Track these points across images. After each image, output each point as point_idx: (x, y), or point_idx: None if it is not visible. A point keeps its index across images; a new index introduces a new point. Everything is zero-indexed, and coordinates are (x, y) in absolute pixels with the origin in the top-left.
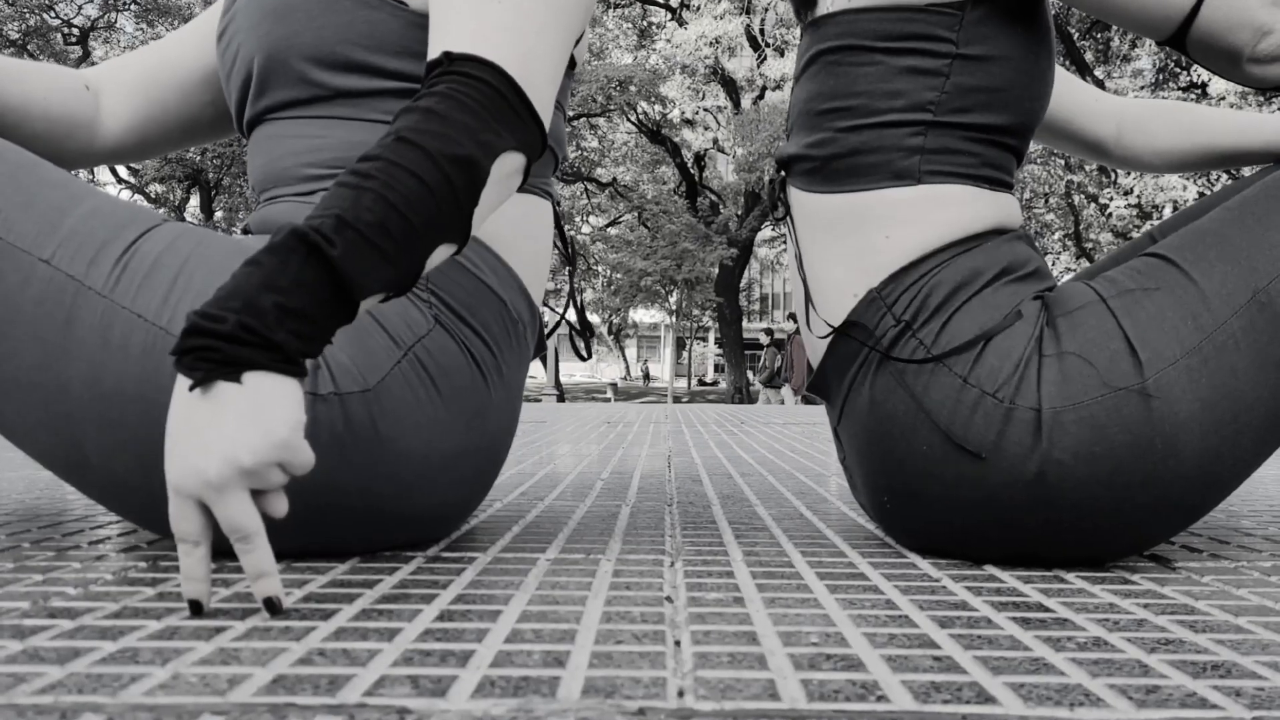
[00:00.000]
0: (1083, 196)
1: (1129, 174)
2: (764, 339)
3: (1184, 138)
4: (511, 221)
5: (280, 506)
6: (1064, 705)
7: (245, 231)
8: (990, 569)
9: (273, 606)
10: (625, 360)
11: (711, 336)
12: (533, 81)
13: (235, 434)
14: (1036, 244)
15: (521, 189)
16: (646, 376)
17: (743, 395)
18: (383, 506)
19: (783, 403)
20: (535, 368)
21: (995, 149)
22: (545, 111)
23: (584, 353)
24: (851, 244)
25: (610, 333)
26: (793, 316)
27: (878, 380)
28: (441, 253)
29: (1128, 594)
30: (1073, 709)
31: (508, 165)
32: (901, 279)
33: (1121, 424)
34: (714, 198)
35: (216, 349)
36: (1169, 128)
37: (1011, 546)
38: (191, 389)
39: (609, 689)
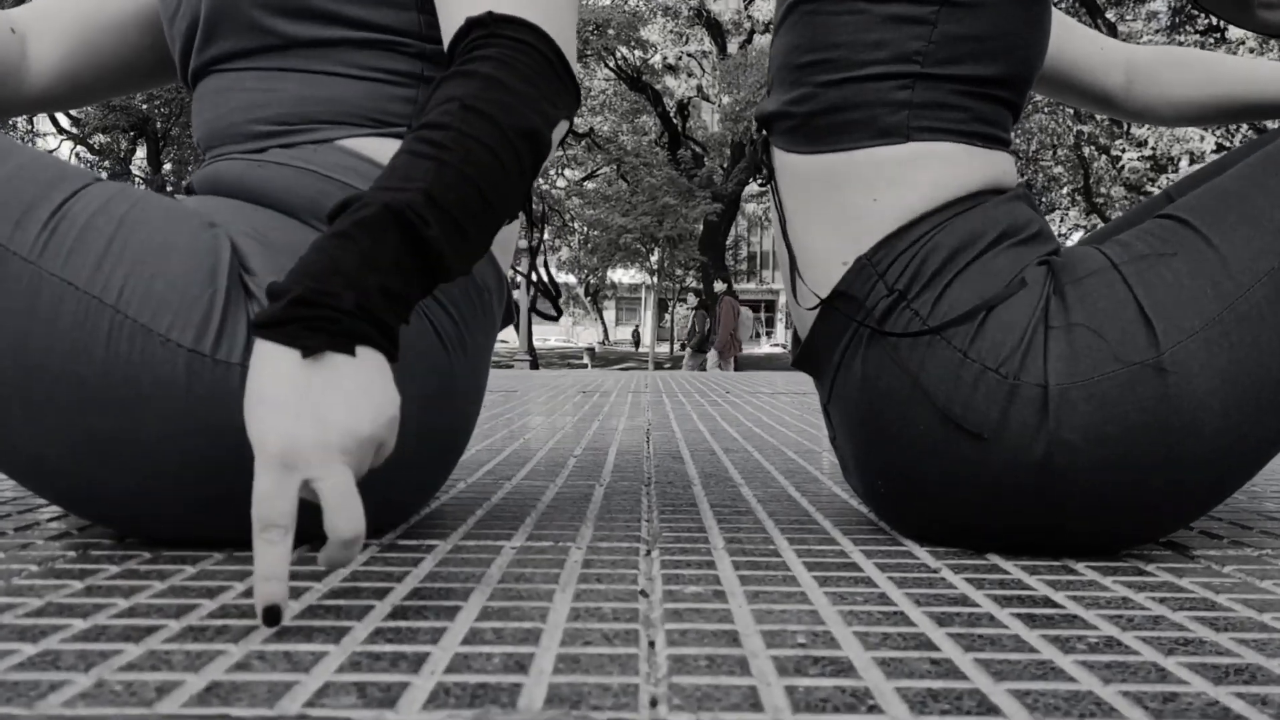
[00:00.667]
0: (1093, 148)
1: (1143, 124)
2: (691, 300)
3: (1199, 88)
4: None
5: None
6: (1073, 715)
7: (188, 190)
8: (993, 558)
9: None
10: (604, 324)
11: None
12: (564, 41)
13: (357, 404)
14: (1038, 203)
15: None
16: (638, 343)
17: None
18: None
19: (704, 368)
20: (507, 331)
21: (989, 103)
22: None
23: (551, 312)
24: (837, 208)
25: (587, 294)
26: (729, 286)
27: (870, 355)
28: (499, 231)
29: (1142, 586)
30: (1084, 719)
31: (558, 134)
32: (893, 244)
33: (1135, 401)
34: (698, 149)
35: (336, 320)
36: (1182, 78)
37: (1016, 534)
38: (305, 356)
39: (575, 698)
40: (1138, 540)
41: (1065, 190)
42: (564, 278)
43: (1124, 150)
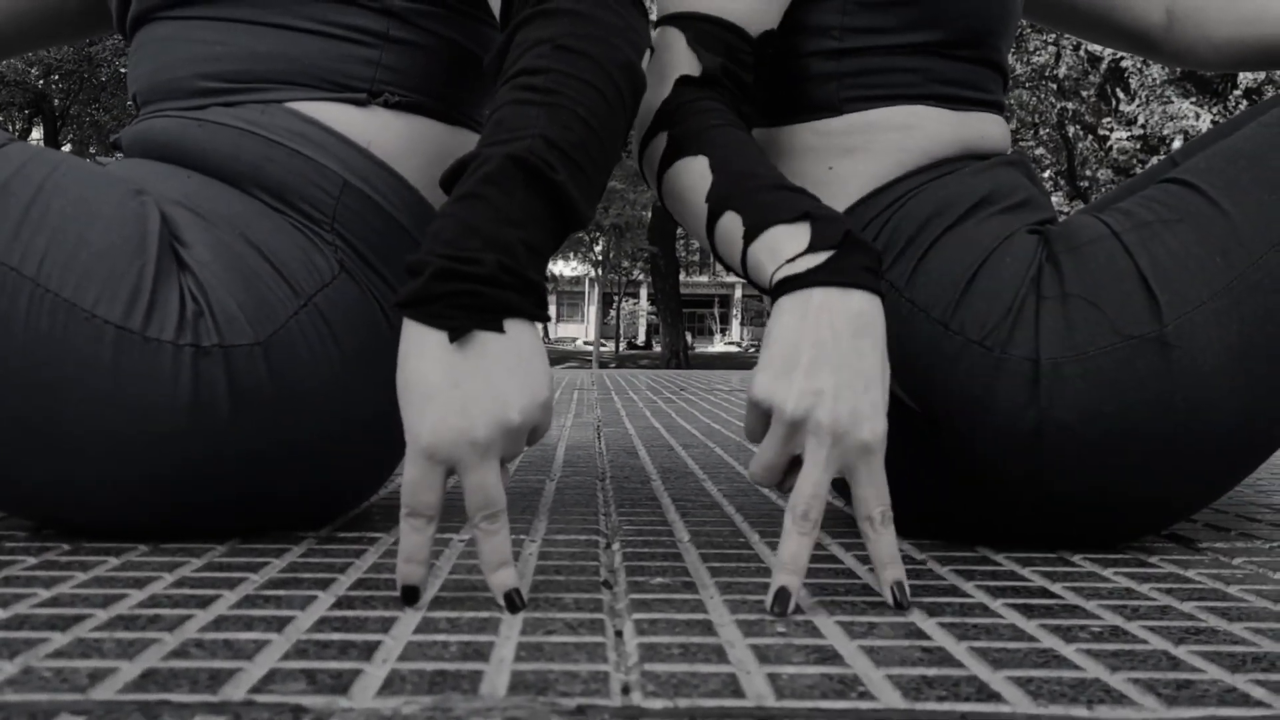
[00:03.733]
0: (1078, 127)
1: (1132, 101)
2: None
3: (1246, 28)
4: (436, 156)
5: (505, 480)
6: (1080, 702)
7: (115, 146)
8: (983, 550)
9: (514, 604)
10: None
11: (644, 292)
12: None
13: (504, 391)
14: (1035, 172)
15: (452, 120)
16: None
17: (680, 360)
18: (273, 480)
19: None
20: None
21: (950, 62)
22: None
23: None
24: (793, 177)
25: None
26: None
27: None
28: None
29: (1146, 578)
30: (1091, 706)
31: (645, 64)
32: (860, 213)
33: (1135, 378)
34: None
35: (478, 293)
36: (1228, 16)
37: (1006, 524)
38: (451, 341)
39: (541, 685)
40: (1138, 531)
41: (1047, 173)
42: None
43: (1112, 129)
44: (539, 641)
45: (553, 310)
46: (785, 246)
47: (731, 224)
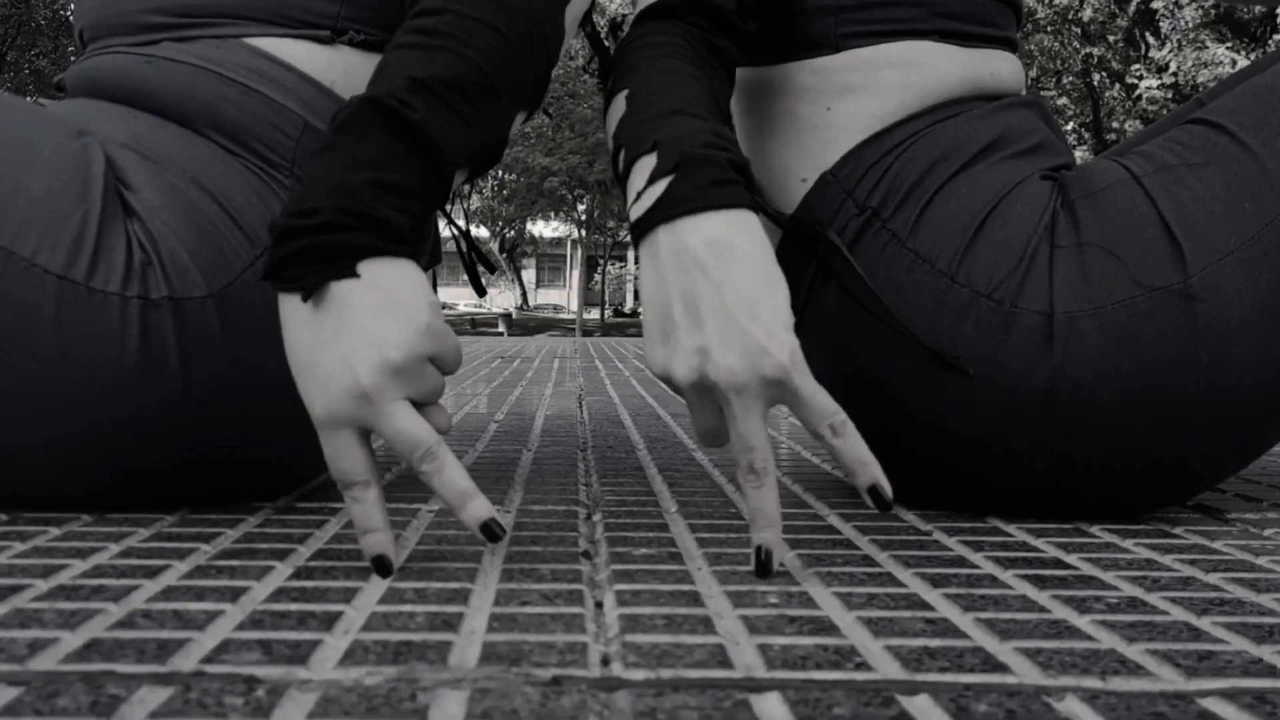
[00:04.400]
0: (1104, 75)
1: (1163, 46)
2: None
3: None
4: None
5: (443, 419)
6: (1093, 673)
7: (58, 87)
8: (994, 521)
9: (493, 533)
10: (522, 285)
11: (631, 255)
12: None
13: (374, 331)
14: (1051, 114)
15: None
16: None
17: None
18: (228, 445)
19: None
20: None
21: None
22: None
23: (480, 288)
24: (788, 118)
25: (503, 250)
26: None
27: (841, 284)
28: (516, 122)
29: (1168, 549)
30: (1105, 678)
31: (571, 16)
32: (861, 157)
33: (1156, 332)
34: None
35: (320, 245)
36: None
37: (1017, 492)
38: (305, 301)
39: (514, 655)
40: (1160, 501)
41: (1070, 125)
42: (475, 231)
43: (1140, 77)
44: (513, 613)
45: (532, 275)
46: (635, 183)
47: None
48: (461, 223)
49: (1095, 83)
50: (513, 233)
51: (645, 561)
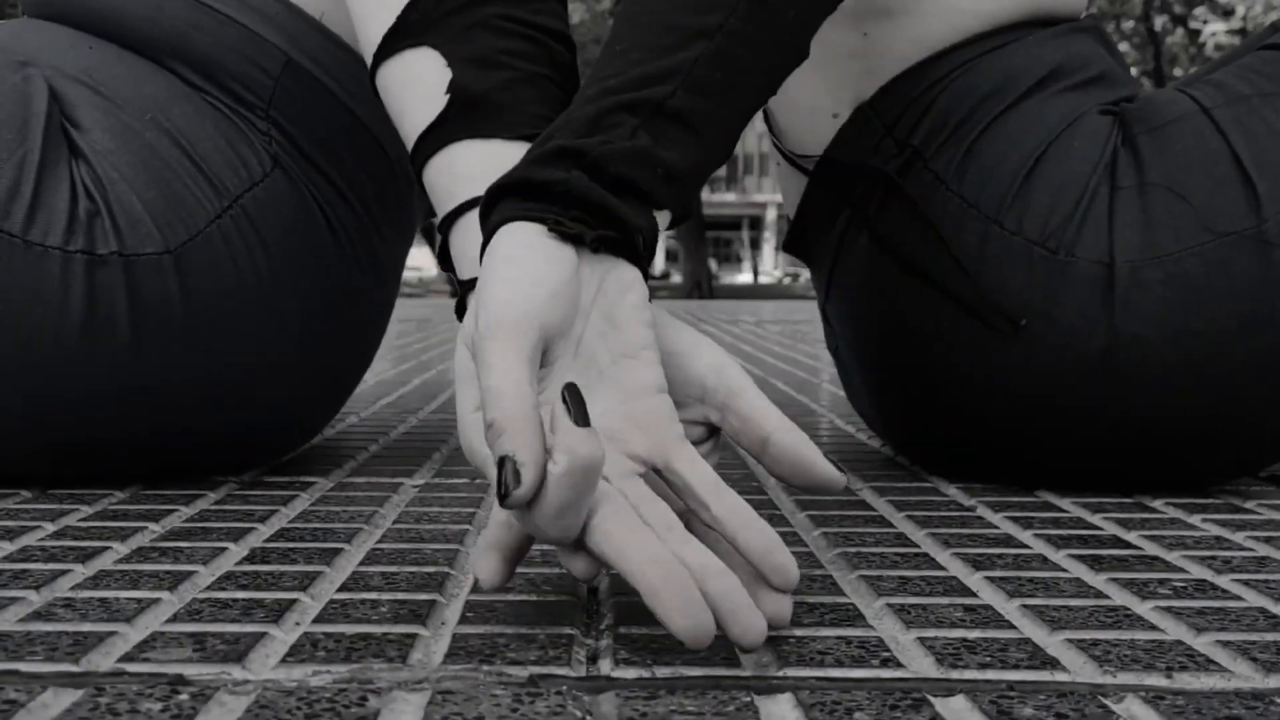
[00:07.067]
0: (1166, 18)
1: None
2: None
3: None
4: None
5: None
6: (1158, 669)
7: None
8: (1045, 495)
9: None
10: None
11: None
12: None
13: None
14: (1112, 40)
15: None
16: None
17: (703, 290)
18: (183, 419)
19: None
20: (422, 256)
21: None
22: None
23: None
24: (819, 47)
25: None
26: None
27: (877, 232)
28: None
29: (1240, 525)
30: (1170, 674)
31: None
32: (901, 90)
33: (1228, 284)
34: None
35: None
36: None
37: (1070, 462)
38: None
39: (487, 651)
40: (1231, 472)
41: (1132, 72)
42: None
43: (1205, 21)
44: (491, 600)
45: None
46: None
47: None
48: None
49: (1157, 28)
50: None
51: None
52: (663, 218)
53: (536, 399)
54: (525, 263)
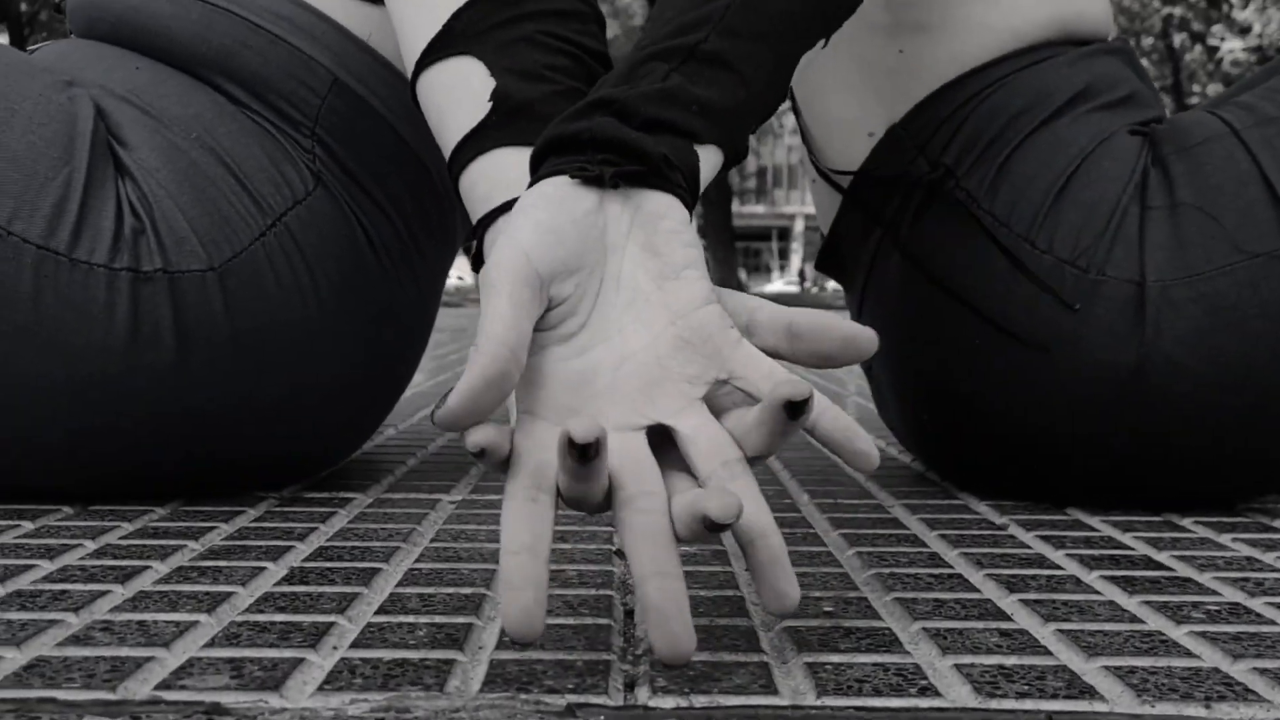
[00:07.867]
0: (1185, 35)
1: (1247, 5)
2: None
3: None
4: None
5: None
6: (1195, 699)
7: (57, 9)
8: (1075, 513)
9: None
10: None
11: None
12: None
13: None
14: (1139, 62)
15: None
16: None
17: None
18: (226, 439)
19: None
20: (460, 264)
21: None
22: None
23: None
24: (856, 62)
25: None
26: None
27: (910, 250)
28: None
29: (1270, 545)
30: (1209, 704)
31: None
32: (934, 109)
33: (1260, 304)
34: None
35: None
36: None
37: (1100, 479)
38: None
39: (526, 678)
40: (1261, 490)
41: None
42: None
43: (1223, 39)
44: None
45: None
46: None
47: None
48: None
49: (1175, 44)
50: None
51: (685, 561)
52: (714, 156)
53: (518, 339)
54: (537, 210)
